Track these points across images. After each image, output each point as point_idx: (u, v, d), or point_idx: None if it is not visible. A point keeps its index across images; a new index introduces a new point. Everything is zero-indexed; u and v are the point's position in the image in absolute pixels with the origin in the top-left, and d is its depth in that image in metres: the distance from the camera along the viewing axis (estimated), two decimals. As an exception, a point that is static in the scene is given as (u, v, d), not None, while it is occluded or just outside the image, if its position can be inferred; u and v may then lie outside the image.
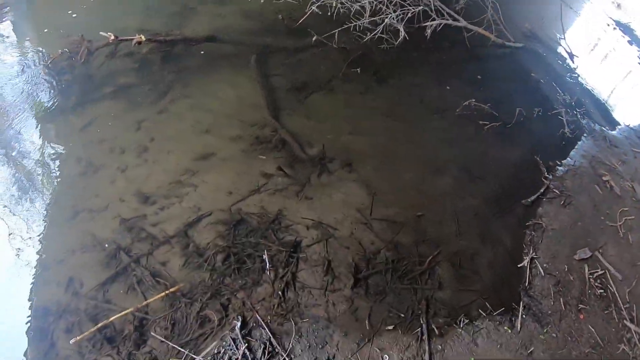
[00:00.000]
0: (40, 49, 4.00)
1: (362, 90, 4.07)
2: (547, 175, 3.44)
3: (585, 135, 3.82)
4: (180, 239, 2.80)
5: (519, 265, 2.88)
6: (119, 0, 4.76)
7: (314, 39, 4.33)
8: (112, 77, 3.83)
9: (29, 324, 2.42)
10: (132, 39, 3.93)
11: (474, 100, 3.90)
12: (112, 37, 3.88)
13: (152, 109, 3.63)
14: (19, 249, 2.69)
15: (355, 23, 4.19)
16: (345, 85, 4.09)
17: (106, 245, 2.73)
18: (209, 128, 3.56)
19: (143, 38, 3.96)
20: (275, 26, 4.59)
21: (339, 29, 4.21)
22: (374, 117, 3.83)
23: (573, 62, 4.66)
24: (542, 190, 3.31)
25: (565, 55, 4.73)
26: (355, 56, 4.33)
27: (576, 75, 4.53)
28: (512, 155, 3.61)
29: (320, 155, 3.41)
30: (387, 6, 4.30)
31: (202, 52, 4.22)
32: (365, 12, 4.28)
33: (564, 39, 4.89)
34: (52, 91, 3.67)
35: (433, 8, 4.40)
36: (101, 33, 3.89)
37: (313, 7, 4.27)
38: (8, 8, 4.53)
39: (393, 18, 4.22)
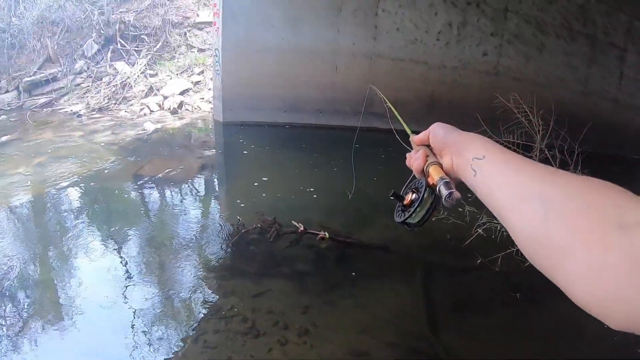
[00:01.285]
0: (238, 217, 4.55)
1: (519, 317, 3.80)
2: None
3: None
4: None
5: None
6: (308, 197, 5.43)
7: (478, 261, 4.31)
8: (291, 260, 4.13)
9: None
10: (318, 234, 4.33)
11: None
12: (302, 228, 4.33)
13: (320, 298, 3.70)
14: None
15: (517, 248, 4.10)
16: (503, 309, 3.89)
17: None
18: (367, 328, 3.45)
19: (327, 235, 4.34)
20: (443, 244, 4.72)
21: (502, 253, 4.18)
22: (533, 344, 3.47)
23: None
24: None
25: None
26: (515, 281, 4.13)
27: None
28: None
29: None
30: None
31: (373, 258, 4.43)
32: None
33: None
34: (237, 255, 4.06)
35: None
36: (293, 222, 4.39)
37: (479, 230, 4.38)
38: (206, 170, 5.55)
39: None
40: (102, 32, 11.32)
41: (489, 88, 7.50)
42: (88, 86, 10.43)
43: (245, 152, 6.96)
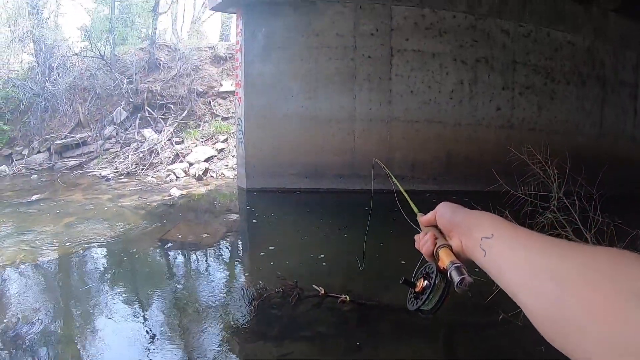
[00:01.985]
0: (260, 282, 4.65)
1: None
2: None
3: None
4: None
5: None
6: (329, 262, 5.47)
7: (500, 317, 4.26)
8: (313, 323, 4.14)
9: None
10: (339, 297, 4.38)
11: None
12: (322, 292, 4.39)
13: (343, 361, 3.72)
14: None
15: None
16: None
17: None
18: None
19: (348, 299, 4.39)
20: (464, 302, 4.63)
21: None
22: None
23: None
24: None
25: None
26: (539, 334, 4.01)
27: None
28: None
29: None
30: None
31: (395, 320, 4.41)
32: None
33: None
34: (259, 319, 4.11)
35: None
36: (314, 286, 4.46)
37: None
38: (230, 235, 5.66)
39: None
40: (130, 100, 12.00)
41: (504, 141, 7.67)
42: (117, 151, 10.93)
43: (268, 218, 7.14)
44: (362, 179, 7.79)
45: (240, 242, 6.58)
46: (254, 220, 7.28)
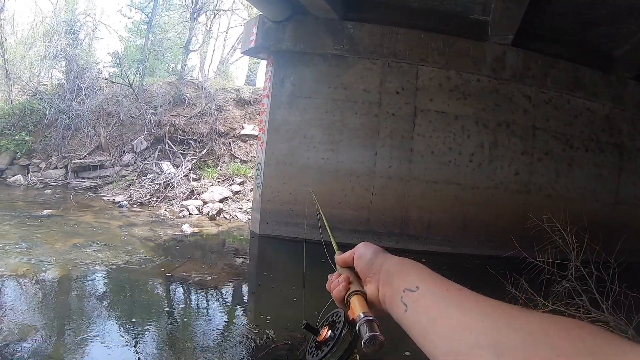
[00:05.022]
0: (267, 331, 4.48)
1: None
2: None
3: None
4: None
5: None
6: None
7: None
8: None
9: None
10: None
11: None
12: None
13: None
14: None
15: None
16: None
17: None
18: None
19: (357, 358, 4.27)
20: None
21: None
22: None
23: None
24: None
25: None
26: None
27: None
28: None
29: None
30: None
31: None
32: None
33: None
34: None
35: None
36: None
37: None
38: (237, 279, 5.58)
39: None
40: (152, 131, 12.18)
41: (521, 206, 7.62)
42: (133, 179, 11.02)
43: (277, 265, 7.07)
44: (377, 236, 7.72)
45: (246, 287, 6.51)
46: (264, 266, 7.21)
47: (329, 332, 0.71)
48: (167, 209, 9.58)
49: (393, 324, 0.67)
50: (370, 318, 0.65)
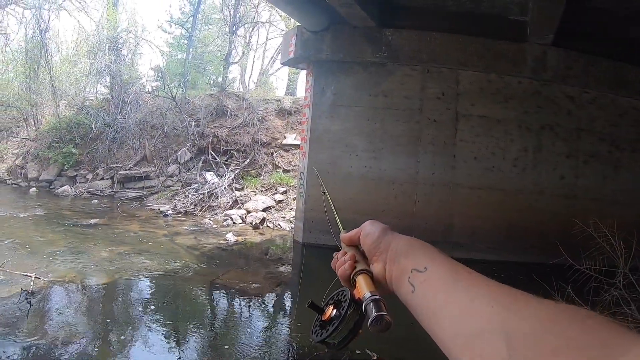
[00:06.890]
0: (311, 340, 4.58)
1: None
2: None
3: None
4: None
5: None
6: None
7: None
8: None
9: None
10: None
11: None
12: (375, 357, 4.25)
13: None
14: None
15: None
16: None
17: None
18: None
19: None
20: None
21: None
22: None
23: None
24: None
25: None
26: None
27: None
28: None
29: None
30: None
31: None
32: None
33: None
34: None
35: None
36: (366, 350, 4.27)
37: None
38: (281, 288, 5.80)
39: None
40: (196, 142, 12.53)
41: (566, 212, 7.38)
42: (177, 190, 11.35)
43: (320, 274, 7.10)
44: (420, 243, 7.66)
45: (289, 296, 6.59)
46: (307, 275, 7.28)
47: (334, 311, 0.70)
48: (211, 218, 9.83)
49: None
50: (377, 297, 0.64)
